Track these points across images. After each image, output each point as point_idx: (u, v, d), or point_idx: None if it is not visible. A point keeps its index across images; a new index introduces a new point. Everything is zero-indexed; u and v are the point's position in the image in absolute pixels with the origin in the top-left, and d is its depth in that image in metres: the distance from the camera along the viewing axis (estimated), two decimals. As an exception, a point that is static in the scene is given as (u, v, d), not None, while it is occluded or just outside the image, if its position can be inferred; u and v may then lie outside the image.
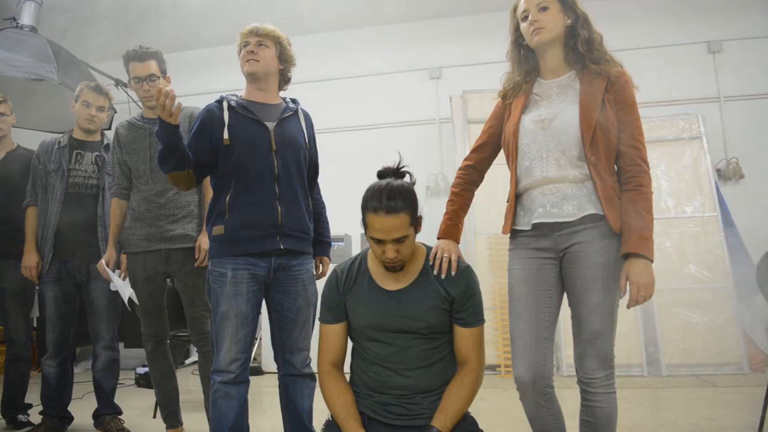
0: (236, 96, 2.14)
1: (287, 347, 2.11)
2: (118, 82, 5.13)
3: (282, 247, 2.02)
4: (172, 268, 2.57)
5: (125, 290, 2.63)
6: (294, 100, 2.26)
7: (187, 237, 2.56)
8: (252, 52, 2.08)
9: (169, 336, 2.78)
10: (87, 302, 2.96)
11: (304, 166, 2.16)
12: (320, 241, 2.30)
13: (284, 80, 2.24)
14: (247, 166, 2.02)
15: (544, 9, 1.74)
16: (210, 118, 2.05)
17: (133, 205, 2.62)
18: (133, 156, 2.61)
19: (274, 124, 2.08)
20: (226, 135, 2.01)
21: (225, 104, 2.06)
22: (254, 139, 2.03)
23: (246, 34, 2.11)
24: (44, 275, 2.89)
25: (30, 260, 2.88)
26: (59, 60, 3.91)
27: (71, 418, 3.06)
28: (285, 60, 2.18)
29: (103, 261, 2.70)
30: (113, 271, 2.68)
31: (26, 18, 4.22)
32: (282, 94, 2.28)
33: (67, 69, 3.95)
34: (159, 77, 2.58)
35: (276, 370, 2.19)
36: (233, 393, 1.99)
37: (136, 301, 2.62)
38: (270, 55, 2.12)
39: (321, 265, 2.34)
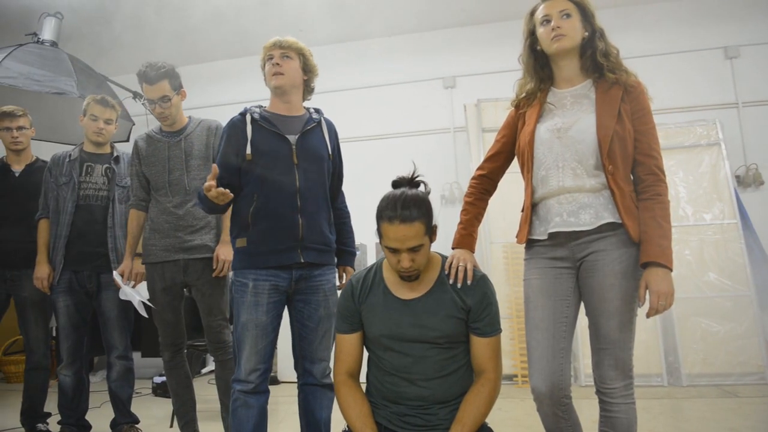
0: (260, 108, 2.16)
1: (307, 357, 2.12)
2: (135, 95, 5.22)
3: (303, 260, 2.05)
4: (191, 278, 2.60)
5: (134, 297, 2.66)
6: (317, 110, 2.27)
7: (206, 247, 2.59)
8: (277, 64, 2.10)
9: (186, 345, 2.80)
10: (99, 313, 2.99)
11: (327, 178, 2.18)
12: (344, 251, 2.32)
13: (308, 90, 2.27)
14: (268, 179, 2.04)
15: (567, 16, 1.74)
16: (234, 134, 2.09)
17: (151, 216, 2.66)
18: (152, 168, 2.65)
19: (297, 136, 2.10)
20: (248, 150, 2.04)
21: (248, 117, 2.09)
22: (276, 153, 2.05)
23: (269, 47, 2.13)
24: (55, 286, 2.93)
25: (42, 271, 2.92)
26: (79, 74, 3.99)
27: (89, 427, 3.08)
28: (308, 70, 2.21)
29: (116, 272, 2.73)
30: (126, 281, 2.72)
31: (47, 33, 4.31)
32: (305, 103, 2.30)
33: (87, 83, 4.02)
34: (172, 97, 2.60)
35: (293, 380, 2.20)
36: (252, 402, 2.01)
37: (151, 305, 2.64)
38: (295, 66, 2.14)
39: (345, 275, 2.34)
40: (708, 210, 4.43)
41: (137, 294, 2.68)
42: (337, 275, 2.27)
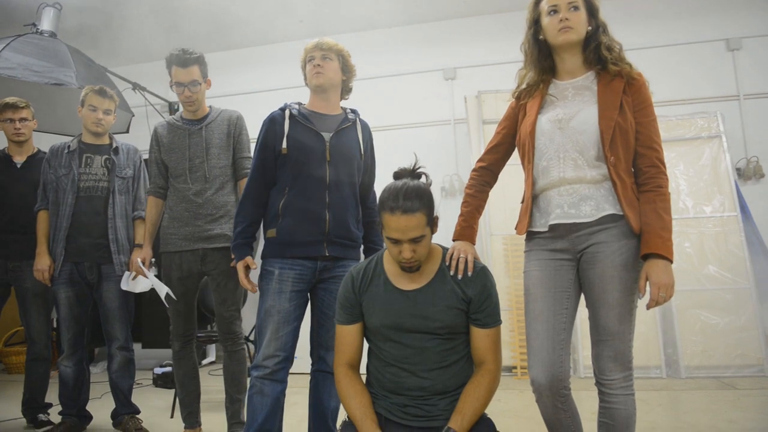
0: (299, 105, 2.24)
1: (323, 344, 2.19)
2: (135, 86, 5.21)
3: (327, 254, 2.11)
4: (208, 267, 2.62)
5: (162, 288, 2.65)
6: (354, 111, 2.33)
7: (225, 237, 2.61)
8: (318, 65, 2.17)
9: (196, 336, 2.81)
10: (99, 304, 3.00)
11: (357, 176, 2.24)
12: (371, 249, 2.38)
13: (346, 90, 2.34)
14: (301, 174, 2.11)
15: (575, 9, 1.73)
16: (272, 129, 2.16)
17: (170, 204, 2.68)
18: (172, 156, 2.67)
19: (331, 134, 2.16)
20: (284, 144, 2.11)
21: (287, 113, 2.17)
22: (310, 149, 2.12)
23: (311, 48, 2.22)
24: (56, 277, 2.93)
25: (42, 263, 2.92)
26: (78, 65, 3.97)
27: (90, 417, 3.10)
28: (347, 71, 2.29)
29: (138, 259, 2.73)
30: (149, 269, 2.71)
31: (45, 23, 4.28)
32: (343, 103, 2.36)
33: (86, 73, 4.00)
34: (200, 82, 2.64)
35: (297, 371, 2.24)
36: (267, 391, 2.05)
37: (174, 297, 2.63)
38: (334, 67, 2.22)
39: None
40: (708, 203, 4.43)
41: (164, 286, 2.66)
42: None
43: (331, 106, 2.26)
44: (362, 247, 2.33)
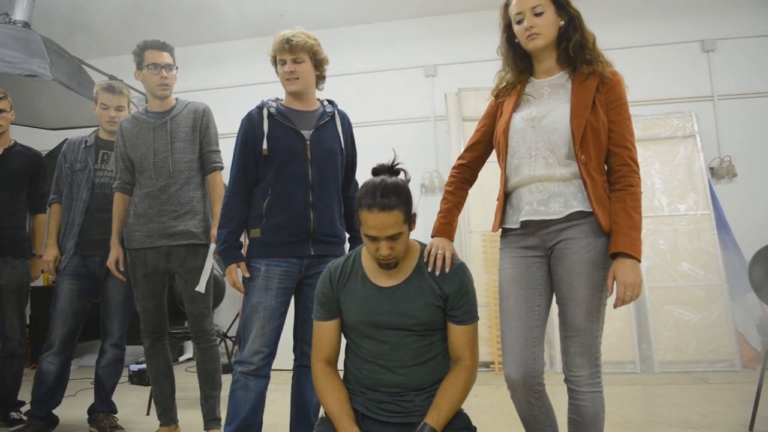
0: (276, 101, 2.21)
1: (306, 339, 2.16)
2: (111, 78, 5.11)
3: (313, 253, 2.12)
4: (173, 265, 2.58)
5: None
6: (331, 102, 2.32)
7: (189, 233, 2.57)
8: (292, 71, 2.13)
9: (168, 333, 2.78)
10: (102, 298, 2.96)
11: (340, 172, 2.25)
12: (356, 237, 2.35)
13: (320, 80, 2.30)
14: (283, 174, 2.11)
15: (539, 14, 1.72)
16: (251, 129, 2.14)
17: (135, 200, 2.64)
18: (137, 151, 2.62)
19: (311, 132, 2.15)
20: (264, 146, 2.09)
21: (265, 112, 2.14)
22: (291, 149, 2.12)
23: (279, 50, 2.13)
24: (62, 270, 2.89)
25: (49, 254, 2.90)
26: (52, 56, 3.89)
27: (56, 422, 2.98)
28: (320, 66, 2.24)
29: (112, 261, 2.68)
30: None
31: (19, 13, 4.18)
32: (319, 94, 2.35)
33: (61, 65, 3.93)
34: (174, 69, 2.66)
35: (278, 367, 2.24)
36: (252, 386, 2.06)
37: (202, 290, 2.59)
38: (308, 68, 2.17)
39: None
40: (682, 201, 4.52)
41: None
42: None
43: (309, 102, 2.24)
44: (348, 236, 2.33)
